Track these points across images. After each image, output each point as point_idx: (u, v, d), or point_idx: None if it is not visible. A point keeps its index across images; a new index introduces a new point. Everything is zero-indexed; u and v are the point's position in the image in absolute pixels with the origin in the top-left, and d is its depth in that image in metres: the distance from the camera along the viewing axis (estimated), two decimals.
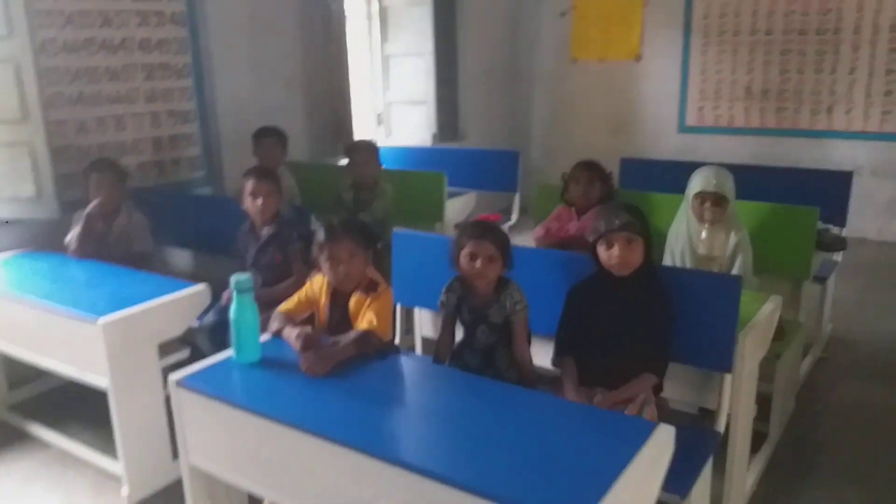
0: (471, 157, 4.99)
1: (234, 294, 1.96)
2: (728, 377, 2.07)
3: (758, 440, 2.62)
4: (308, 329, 2.09)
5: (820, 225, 3.08)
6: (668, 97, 6.40)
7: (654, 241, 2.18)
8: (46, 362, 2.66)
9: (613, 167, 3.86)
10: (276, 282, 3.00)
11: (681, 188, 3.13)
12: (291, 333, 2.08)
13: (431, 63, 5.68)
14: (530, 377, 2.19)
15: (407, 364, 2.09)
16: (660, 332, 2.06)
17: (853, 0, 5.44)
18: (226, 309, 2.94)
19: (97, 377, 2.43)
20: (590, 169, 3.17)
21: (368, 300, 2.15)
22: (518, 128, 7.17)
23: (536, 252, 2.41)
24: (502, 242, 2.13)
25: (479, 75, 6.49)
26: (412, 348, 2.85)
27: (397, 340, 2.78)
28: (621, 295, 2.10)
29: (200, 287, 2.68)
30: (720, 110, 6.17)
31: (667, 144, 6.37)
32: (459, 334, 2.28)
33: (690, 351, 2.09)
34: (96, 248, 3.16)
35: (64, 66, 3.57)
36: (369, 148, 3.81)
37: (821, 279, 3.37)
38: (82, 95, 3.66)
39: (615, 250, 2.07)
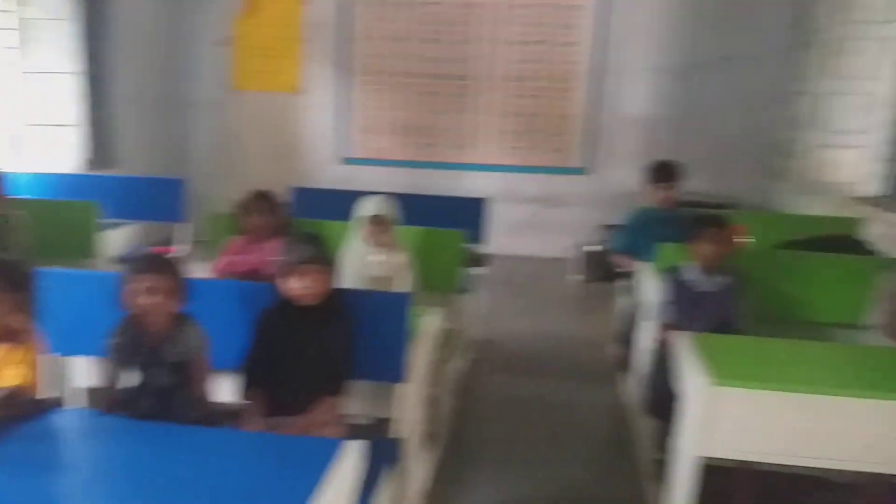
0: (130, 186, 4.58)
1: None
2: (402, 386, 2.22)
3: (427, 440, 2.86)
4: None
5: (466, 244, 3.48)
6: (329, 130, 6.64)
7: None
8: None
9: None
10: None
11: (347, 215, 3.30)
12: None
13: (81, 83, 5.07)
14: (212, 415, 2.07)
15: (72, 420, 1.82)
16: (341, 353, 2.11)
17: (479, 52, 6.29)
18: None
19: None
20: (265, 199, 3.13)
21: (12, 351, 1.82)
22: (179, 155, 6.77)
23: (216, 283, 2.30)
24: (176, 275, 1.99)
25: (134, 100, 5.99)
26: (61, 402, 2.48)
27: (51, 394, 2.40)
28: (308, 322, 2.11)
29: None
30: (378, 143, 6.60)
31: (330, 174, 6.60)
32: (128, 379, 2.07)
33: (368, 366, 2.18)
34: None
35: None
36: None
37: (470, 291, 3.80)
38: None
39: (301, 282, 2.07)
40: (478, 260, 3.84)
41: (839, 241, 3.32)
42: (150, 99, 6.32)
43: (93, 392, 2.37)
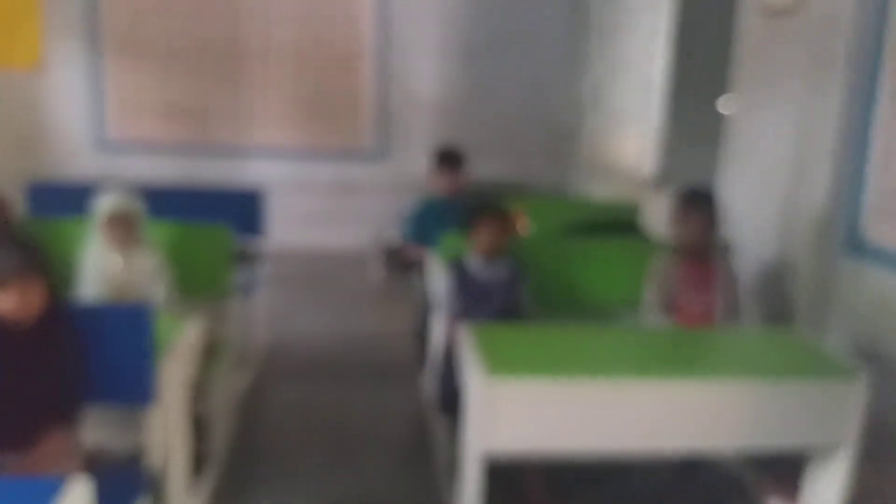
0: None
1: None
2: (153, 409, 2.06)
3: (203, 462, 2.70)
4: None
5: (239, 241, 3.34)
6: (83, 112, 6.09)
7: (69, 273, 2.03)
8: None
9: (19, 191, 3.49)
10: None
11: None
12: None
13: None
14: None
15: None
16: (69, 376, 1.92)
17: (254, 28, 6.06)
18: None
19: None
20: None
21: None
22: None
23: None
24: None
25: None
26: None
27: None
28: (21, 344, 1.89)
29: None
30: (142, 126, 6.15)
31: (86, 163, 6.08)
32: None
33: (110, 389, 2.01)
34: None
35: None
36: None
37: (248, 292, 3.65)
38: None
39: (8, 297, 1.85)
40: (254, 258, 3.70)
41: (616, 225, 3.63)
42: None
43: None
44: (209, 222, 3.04)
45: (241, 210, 3.65)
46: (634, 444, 2.33)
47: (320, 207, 6.45)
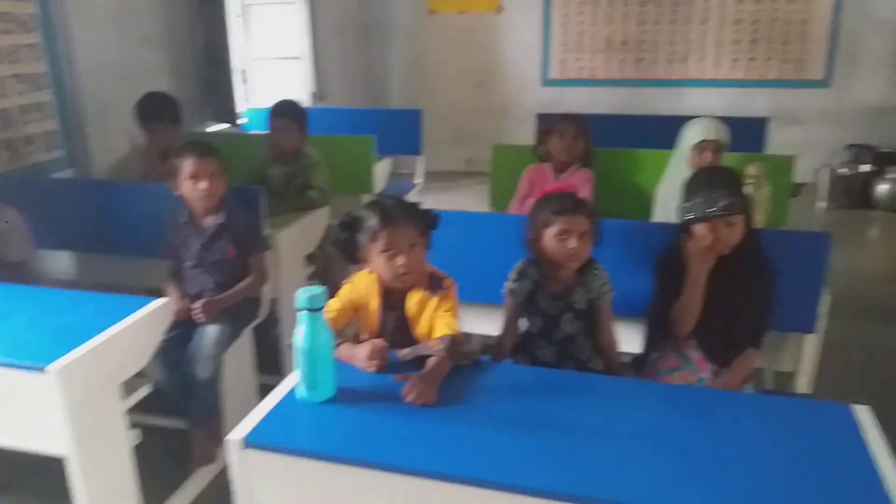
0: (367, 118, 4.51)
1: (305, 315, 1.44)
2: (810, 338, 1.97)
3: None
4: (381, 343, 1.63)
5: None
6: (530, 50, 6.30)
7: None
8: None
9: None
10: (231, 282, 2.43)
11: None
12: (356, 351, 1.62)
13: (306, 13, 5.02)
14: (618, 366, 1.92)
15: (497, 371, 1.69)
16: (764, 303, 1.87)
17: None
18: (175, 325, 2.32)
19: (51, 443, 1.74)
20: (576, 123, 2.93)
21: (436, 300, 1.72)
22: (376, 85, 6.69)
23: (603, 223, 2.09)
24: (594, 216, 1.81)
25: (332, 29, 5.91)
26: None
27: None
28: (720, 269, 1.85)
29: (161, 302, 2.04)
30: (582, 62, 6.20)
31: (531, 98, 6.30)
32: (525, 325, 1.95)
33: (778, 315, 1.94)
34: None
35: None
36: (296, 111, 3.21)
37: None
38: None
39: (717, 233, 1.81)
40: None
41: None
42: (345, 28, 6.20)
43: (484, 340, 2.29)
44: None
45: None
46: None
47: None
